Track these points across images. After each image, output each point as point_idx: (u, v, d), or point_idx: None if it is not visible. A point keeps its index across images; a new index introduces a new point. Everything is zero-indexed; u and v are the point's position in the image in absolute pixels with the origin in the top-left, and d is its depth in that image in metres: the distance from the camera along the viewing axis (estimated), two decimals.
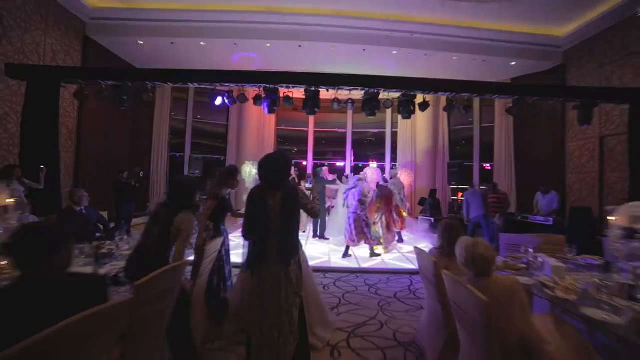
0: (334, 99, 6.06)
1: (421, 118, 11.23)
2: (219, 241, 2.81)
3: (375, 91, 5.70)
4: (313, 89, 5.71)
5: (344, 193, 5.99)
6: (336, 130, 12.54)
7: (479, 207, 6.13)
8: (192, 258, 2.91)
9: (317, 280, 4.50)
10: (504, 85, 6.19)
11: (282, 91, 6.07)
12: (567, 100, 5.89)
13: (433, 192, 8.35)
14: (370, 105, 5.76)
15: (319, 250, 5.97)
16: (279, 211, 2.08)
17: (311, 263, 5.20)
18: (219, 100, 6.13)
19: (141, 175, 6.81)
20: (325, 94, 6.44)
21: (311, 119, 12.28)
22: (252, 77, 5.85)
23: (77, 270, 2.20)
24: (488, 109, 10.74)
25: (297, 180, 7.97)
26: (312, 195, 2.43)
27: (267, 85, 5.68)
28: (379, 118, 12.27)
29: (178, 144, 11.30)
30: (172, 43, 8.11)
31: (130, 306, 1.61)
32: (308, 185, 7.62)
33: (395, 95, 6.05)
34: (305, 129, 12.35)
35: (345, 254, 5.59)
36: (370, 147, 12.75)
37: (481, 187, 6.56)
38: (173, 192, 2.41)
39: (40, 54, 6.63)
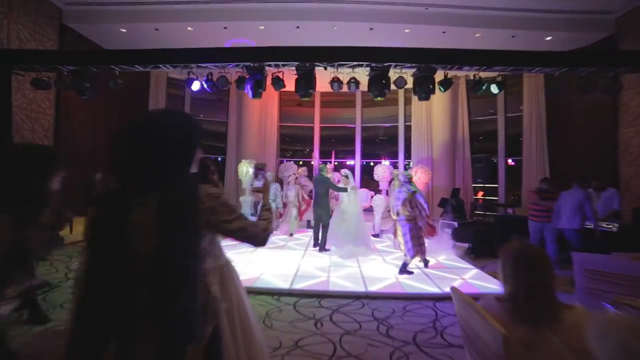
0: (334, 78, 4.83)
1: (438, 108, 9.87)
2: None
3: (384, 65, 4.45)
4: (307, 65, 4.51)
5: (397, 199, 4.53)
6: (345, 125, 11.28)
7: (570, 216, 4.35)
8: None
9: (309, 311, 3.30)
10: (551, 55, 4.81)
11: (271, 72, 4.92)
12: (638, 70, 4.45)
13: (456, 191, 6.97)
14: (378, 84, 4.51)
15: (317, 265, 4.75)
16: (149, 238, 0.88)
17: (306, 283, 3.99)
18: (196, 85, 5.04)
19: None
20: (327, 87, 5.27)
21: (317, 114, 11.08)
22: (233, 54, 4.72)
23: None
24: (514, 96, 9.27)
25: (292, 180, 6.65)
26: (260, 204, 1.25)
27: (251, 64, 4.52)
28: (391, 112, 10.96)
29: None
30: (156, 29, 7.12)
31: None
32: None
33: (409, 72, 4.78)
34: (311, 125, 11.15)
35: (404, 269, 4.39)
36: (381, 146, 11.44)
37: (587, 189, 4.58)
38: None
39: (3, 40, 5.70)
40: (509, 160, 9.47)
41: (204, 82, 5.00)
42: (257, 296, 3.65)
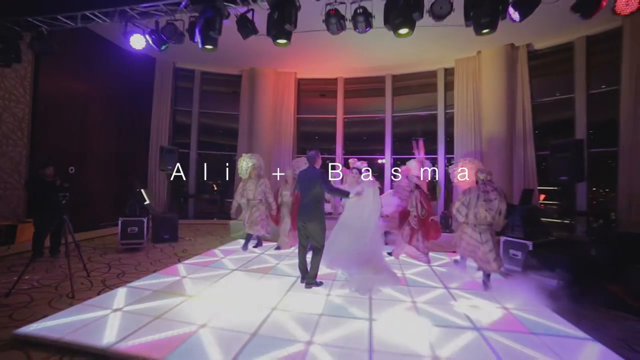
0: (330, 11, 2.82)
1: (488, 90, 7.44)
2: None
3: None
4: None
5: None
6: (374, 116, 9.17)
7: None
8: None
9: None
10: None
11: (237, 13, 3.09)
12: None
13: (527, 193, 4.50)
14: (402, 8, 2.45)
15: (302, 312, 2.76)
16: None
17: (264, 358, 1.97)
18: (138, 42, 3.37)
19: (71, 171, 4.44)
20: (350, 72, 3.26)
21: (340, 104, 9.10)
22: None
23: None
24: (599, 68, 6.51)
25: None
26: None
27: None
28: (427, 100, 8.61)
29: (184, 141, 9.00)
30: None
31: None
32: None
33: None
34: (334, 116, 9.20)
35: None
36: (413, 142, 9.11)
37: None
38: None
39: None
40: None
41: (147, 36, 3.33)
42: None
